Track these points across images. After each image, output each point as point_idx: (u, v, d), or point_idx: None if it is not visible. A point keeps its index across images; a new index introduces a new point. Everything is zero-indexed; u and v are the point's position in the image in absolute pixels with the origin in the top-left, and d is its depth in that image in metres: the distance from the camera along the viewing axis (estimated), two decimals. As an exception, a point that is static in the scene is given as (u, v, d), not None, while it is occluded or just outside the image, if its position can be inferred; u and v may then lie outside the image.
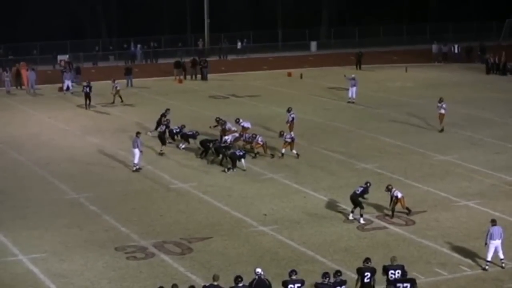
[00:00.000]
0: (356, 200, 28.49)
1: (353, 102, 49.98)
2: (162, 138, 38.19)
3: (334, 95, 54.04)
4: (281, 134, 37.32)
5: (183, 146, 38.35)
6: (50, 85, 57.48)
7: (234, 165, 34.82)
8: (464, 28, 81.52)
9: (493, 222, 24.58)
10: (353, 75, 52.19)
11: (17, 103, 52.47)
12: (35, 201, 31.07)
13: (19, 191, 32.47)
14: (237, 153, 35.02)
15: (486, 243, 24.43)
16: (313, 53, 78.88)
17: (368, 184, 29.08)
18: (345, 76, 52.87)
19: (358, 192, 28.65)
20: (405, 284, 20.86)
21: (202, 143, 37.26)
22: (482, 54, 68.25)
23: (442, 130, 41.72)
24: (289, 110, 40.63)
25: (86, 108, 49.56)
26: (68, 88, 55.65)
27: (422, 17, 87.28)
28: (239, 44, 76.57)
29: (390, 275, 21.35)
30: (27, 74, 56.78)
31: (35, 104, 51.72)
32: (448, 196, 31.25)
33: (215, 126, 39.87)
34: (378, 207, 29.74)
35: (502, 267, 24.34)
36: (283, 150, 36.83)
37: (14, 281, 23.78)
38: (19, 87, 57.57)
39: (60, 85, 56.36)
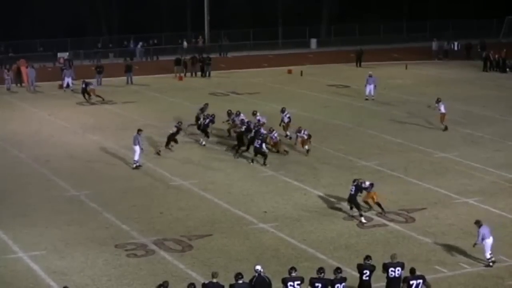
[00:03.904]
0: (354, 201, 28.47)
1: (372, 99, 49.88)
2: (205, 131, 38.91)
3: (334, 92, 54.06)
4: (299, 130, 37.14)
5: (204, 143, 38.48)
6: (50, 83, 57.46)
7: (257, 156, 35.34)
8: (464, 25, 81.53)
9: (479, 223, 24.44)
10: (370, 72, 52.15)
11: (17, 100, 52.47)
12: (35, 199, 31.08)
13: (19, 189, 32.47)
14: (262, 149, 35.24)
15: (475, 244, 24.32)
16: (313, 50, 78.87)
17: (357, 182, 28.72)
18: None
19: (353, 192, 28.59)
20: (418, 281, 20.90)
21: (239, 136, 37.39)
22: (482, 51, 68.27)
23: (446, 129, 41.52)
24: (283, 111, 40.36)
25: (87, 101, 50.77)
26: (68, 86, 55.66)
27: (422, 14, 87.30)
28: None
29: (390, 272, 21.35)
30: (27, 72, 56.79)
31: (35, 101, 51.72)
32: (448, 194, 31.26)
33: (227, 121, 40.23)
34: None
35: (490, 265, 24.24)
36: (306, 147, 36.86)
37: (14, 278, 23.78)
38: (19, 85, 57.56)
39: (60, 82, 56.34)
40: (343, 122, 44.08)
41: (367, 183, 28.82)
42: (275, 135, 37.23)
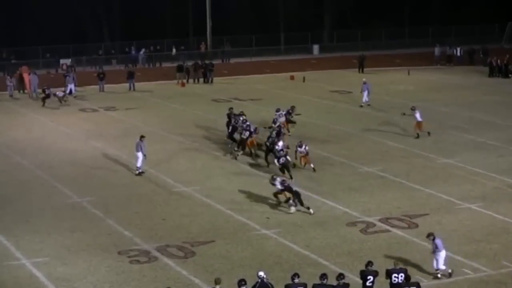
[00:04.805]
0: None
1: (368, 105, 49.95)
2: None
3: (337, 98, 54.07)
4: (300, 145, 35.61)
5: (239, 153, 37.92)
6: (52, 89, 57.38)
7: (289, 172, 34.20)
8: (466, 31, 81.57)
9: (432, 235, 24.01)
10: (364, 79, 52.26)
11: (19, 107, 52.54)
12: (37, 205, 31.08)
13: (22, 195, 32.48)
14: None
15: (434, 255, 23.99)
16: (316, 56, 78.93)
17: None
18: None
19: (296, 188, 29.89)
20: None
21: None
22: (485, 57, 68.30)
23: (418, 137, 40.95)
24: (274, 122, 39.73)
25: (43, 105, 51.83)
26: (70, 92, 55.68)
27: (424, 20, 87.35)
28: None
29: (393, 278, 21.37)
30: (29, 78, 56.85)
31: (37, 108, 51.73)
32: (450, 199, 31.23)
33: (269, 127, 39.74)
34: (381, 210, 29.75)
35: (438, 277, 23.77)
36: (311, 165, 35.21)
37: (17, 285, 23.77)
38: (21, 91, 57.62)
39: (62, 89, 56.28)
40: (345, 128, 44.07)
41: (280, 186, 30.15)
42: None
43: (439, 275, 23.74)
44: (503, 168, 35.60)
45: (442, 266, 23.80)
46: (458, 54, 71.82)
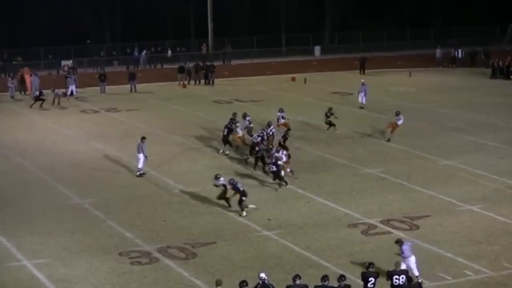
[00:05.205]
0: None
1: (362, 108, 49.99)
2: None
3: (338, 100, 54.03)
4: (277, 150, 34.41)
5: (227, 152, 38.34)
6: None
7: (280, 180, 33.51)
8: (467, 33, 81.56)
9: (400, 242, 23.79)
10: (362, 80, 52.24)
11: (21, 108, 52.53)
12: (39, 206, 31.08)
13: (23, 196, 32.48)
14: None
15: (404, 262, 23.56)
16: (317, 57, 78.90)
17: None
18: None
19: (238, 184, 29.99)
20: None
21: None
22: (486, 59, 68.28)
23: (388, 140, 40.94)
24: (269, 125, 39.28)
25: (40, 107, 51.79)
26: (72, 93, 55.71)
27: (426, 22, 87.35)
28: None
29: (394, 280, 21.36)
30: (30, 80, 56.86)
31: (38, 109, 51.69)
32: (452, 201, 31.22)
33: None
34: (382, 212, 29.74)
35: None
36: (288, 170, 34.21)
37: (18, 286, 23.76)
38: (23, 93, 57.63)
39: (64, 90, 56.32)
40: (347, 129, 44.02)
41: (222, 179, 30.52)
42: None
43: (419, 280, 23.59)
44: (504, 169, 35.60)
45: (416, 272, 23.46)
46: (460, 55, 71.78)
